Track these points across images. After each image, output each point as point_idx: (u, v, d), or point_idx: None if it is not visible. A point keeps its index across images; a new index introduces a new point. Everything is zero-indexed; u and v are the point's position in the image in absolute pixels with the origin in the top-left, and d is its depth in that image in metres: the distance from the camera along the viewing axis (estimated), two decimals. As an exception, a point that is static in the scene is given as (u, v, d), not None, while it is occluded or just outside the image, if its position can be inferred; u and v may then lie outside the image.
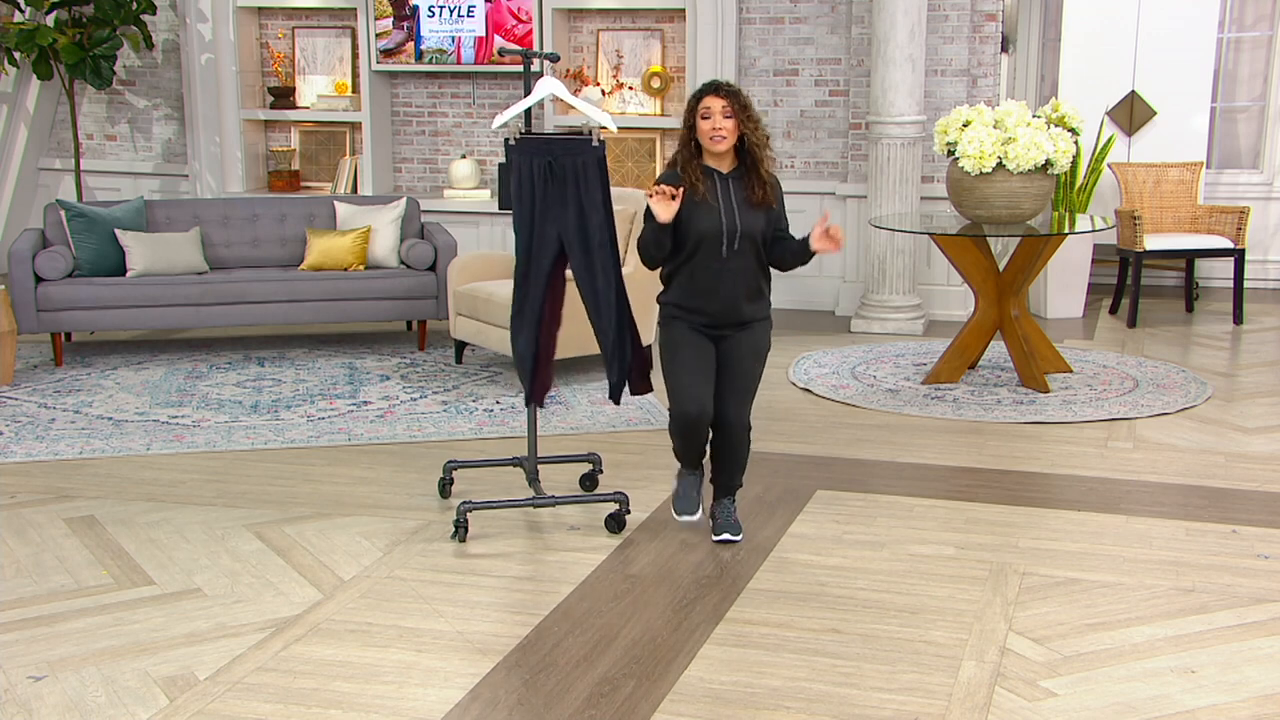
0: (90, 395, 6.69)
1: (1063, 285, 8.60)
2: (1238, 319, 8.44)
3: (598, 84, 9.04)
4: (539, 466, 5.08)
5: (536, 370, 4.80)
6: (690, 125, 4.46)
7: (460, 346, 7.35)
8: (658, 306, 4.64)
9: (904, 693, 3.53)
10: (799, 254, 4.53)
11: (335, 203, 8.06)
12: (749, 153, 4.46)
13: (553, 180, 4.58)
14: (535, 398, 4.89)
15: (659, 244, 4.42)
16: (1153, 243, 8.39)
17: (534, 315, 4.72)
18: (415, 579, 4.33)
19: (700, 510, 4.78)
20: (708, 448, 4.70)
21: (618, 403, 4.83)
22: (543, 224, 4.64)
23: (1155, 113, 8.84)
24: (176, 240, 7.62)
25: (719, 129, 4.38)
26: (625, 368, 4.71)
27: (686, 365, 4.50)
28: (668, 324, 4.58)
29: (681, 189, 4.35)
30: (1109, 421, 6.15)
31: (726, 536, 4.64)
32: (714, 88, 4.43)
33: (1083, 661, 3.71)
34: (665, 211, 4.31)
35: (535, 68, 4.85)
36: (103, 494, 5.20)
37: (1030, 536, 4.70)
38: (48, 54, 9.17)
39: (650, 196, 4.32)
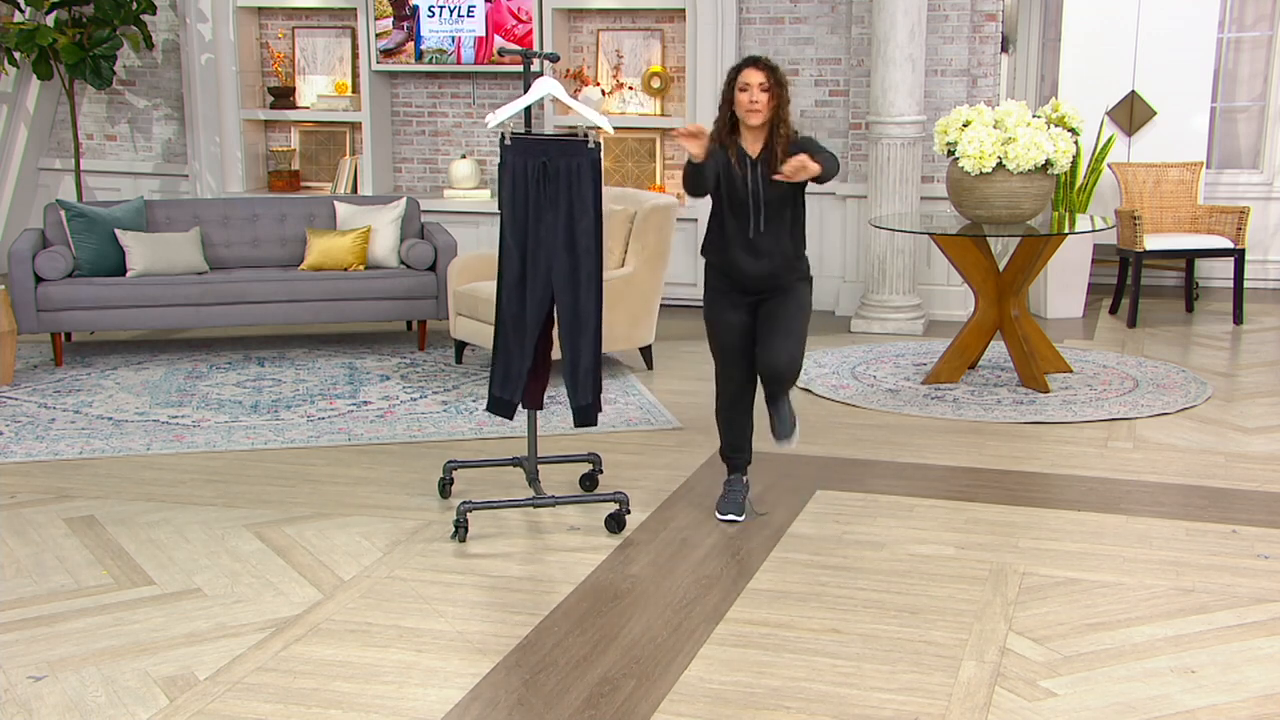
0: (90, 395, 6.69)
1: (1063, 285, 8.60)
2: (1238, 319, 8.44)
3: (598, 84, 9.03)
4: (539, 466, 5.08)
5: (535, 376, 4.79)
6: (728, 99, 4.54)
7: (460, 346, 7.35)
8: (702, 259, 4.78)
9: (904, 693, 3.53)
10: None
11: (335, 203, 8.06)
12: (777, 132, 4.53)
13: (546, 181, 4.55)
14: (535, 403, 4.90)
15: (699, 184, 4.49)
16: (1153, 243, 8.39)
17: (537, 321, 4.66)
18: (415, 579, 4.33)
19: (745, 513, 4.88)
20: (751, 439, 4.91)
21: (594, 424, 4.75)
22: (537, 225, 4.60)
23: (1155, 113, 8.84)
24: (176, 240, 7.62)
25: (755, 102, 4.48)
26: (599, 386, 4.66)
27: (723, 344, 4.72)
28: (709, 292, 4.73)
29: (704, 129, 4.39)
30: (1109, 421, 6.15)
31: (783, 444, 4.77)
32: (754, 61, 4.54)
33: (1083, 661, 3.71)
34: (696, 147, 4.34)
35: (535, 68, 4.84)
36: (103, 494, 5.20)
37: (1030, 536, 4.70)
38: (48, 54, 9.17)
39: (678, 138, 4.37)
